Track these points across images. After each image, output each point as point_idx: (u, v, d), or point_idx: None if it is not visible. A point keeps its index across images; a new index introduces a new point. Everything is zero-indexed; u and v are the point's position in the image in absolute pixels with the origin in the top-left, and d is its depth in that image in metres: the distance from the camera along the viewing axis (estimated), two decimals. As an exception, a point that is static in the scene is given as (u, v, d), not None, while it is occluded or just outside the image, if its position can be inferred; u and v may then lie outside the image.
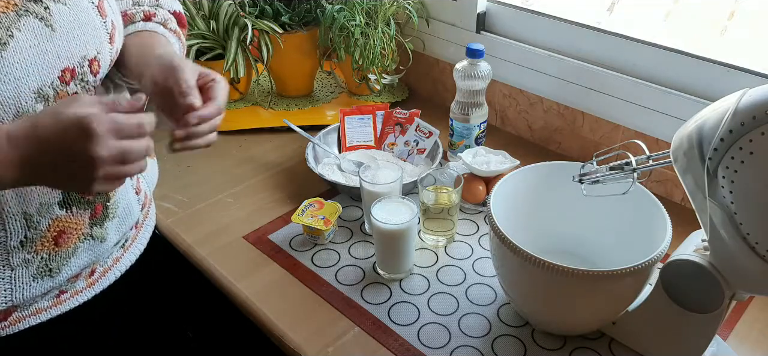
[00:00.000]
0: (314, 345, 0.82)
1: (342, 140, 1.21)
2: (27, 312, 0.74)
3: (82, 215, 0.74)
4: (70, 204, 0.73)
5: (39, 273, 0.72)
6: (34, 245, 0.70)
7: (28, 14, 0.64)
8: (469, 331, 0.84)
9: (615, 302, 0.77)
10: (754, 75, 0.97)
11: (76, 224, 0.74)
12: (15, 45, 0.63)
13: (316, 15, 1.35)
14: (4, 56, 0.62)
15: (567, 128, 1.23)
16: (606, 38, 1.14)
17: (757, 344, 0.83)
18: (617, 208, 0.81)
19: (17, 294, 0.71)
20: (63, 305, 0.77)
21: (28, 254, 0.70)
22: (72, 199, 0.73)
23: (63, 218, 0.72)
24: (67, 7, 0.68)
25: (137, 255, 0.88)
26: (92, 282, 0.80)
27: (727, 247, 0.66)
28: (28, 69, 0.64)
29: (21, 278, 0.71)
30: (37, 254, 0.71)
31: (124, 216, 0.81)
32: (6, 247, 0.69)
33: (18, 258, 0.70)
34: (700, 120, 0.66)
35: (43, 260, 0.72)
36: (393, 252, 0.91)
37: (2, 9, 0.62)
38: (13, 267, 0.70)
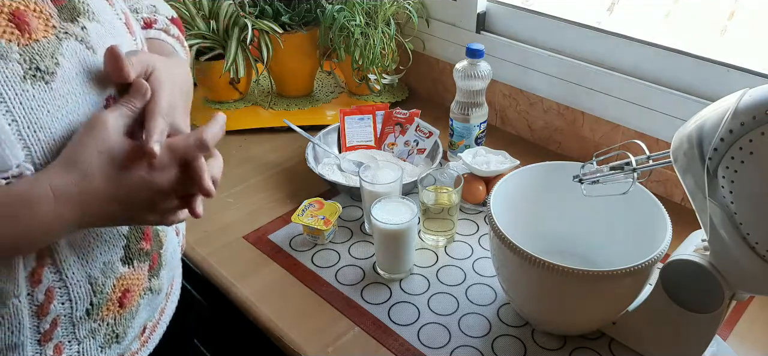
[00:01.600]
0: (314, 345, 0.82)
1: (342, 140, 1.21)
2: None
3: (142, 268, 0.67)
4: (131, 258, 0.66)
5: (106, 342, 0.65)
6: (100, 312, 0.63)
7: (68, 37, 0.57)
8: (469, 331, 0.84)
9: (615, 302, 0.77)
10: (754, 75, 0.97)
11: (137, 279, 0.67)
12: (62, 74, 0.55)
13: (316, 15, 1.35)
14: (54, 88, 0.54)
15: (567, 128, 1.23)
16: (606, 38, 1.14)
17: (757, 344, 0.83)
18: (617, 208, 0.81)
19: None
20: None
21: (94, 323, 0.63)
22: (133, 253, 0.66)
23: (126, 275, 0.65)
24: (102, 25, 0.61)
25: (176, 303, 0.81)
26: (145, 340, 0.74)
27: (727, 247, 0.66)
28: (78, 100, 0.56)
29: (89, 351, 0.64)
30: (103, 321, 0.64)
31: (171, 262, 0.75)
32: (72, 319, 0.61)
33: (85, 329, 0.62)
34: (700, 120, 0.66)
35: (109, 327, 0.65)
36: (393, 252, 0.91)
37: (43, 34, 0.55)
38: (80, 341, 0.63)
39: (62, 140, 0.55)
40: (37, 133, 0.53)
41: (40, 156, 0.54)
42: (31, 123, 0.53)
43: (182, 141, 0.57)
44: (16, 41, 0.53)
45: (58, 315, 0.60)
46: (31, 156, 0.53)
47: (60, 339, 0.61)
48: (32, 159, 0.53)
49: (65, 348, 0.62)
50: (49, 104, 0.54)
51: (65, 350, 0.62)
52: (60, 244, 0.59)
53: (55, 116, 0.54)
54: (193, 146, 0.57)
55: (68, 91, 0.56)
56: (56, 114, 0.54)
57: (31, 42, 0.54)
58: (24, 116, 0.52)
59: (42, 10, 0.55)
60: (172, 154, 0.57)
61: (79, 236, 0.60)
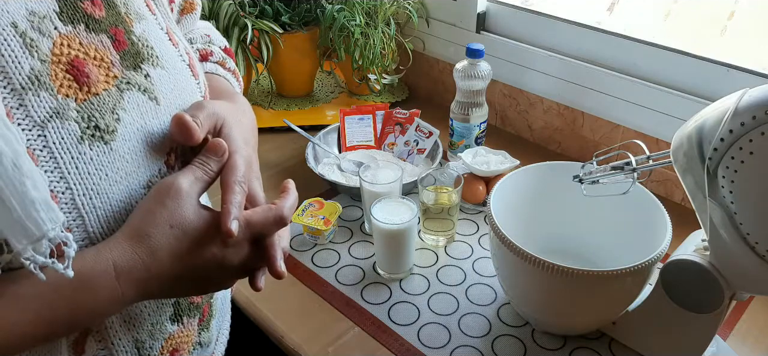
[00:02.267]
0: (314, 345, 0.82)
1: (342, 140, 1.21)
2: None
3: (192, 323, 0.62)
4: (181, 315, 0.60)
5: None
6: None
7: (130, 88, 0.50)
8: (469, 331, 0.84)
9: (615, 302, 0.77)
10: (754, 75, 0.97)
11: (187, 335, 0.61)
12: (123, 131, 0.49)
13: (316, 15, 1.35)
14: (114, 148, 0.48)
15: (567, 128, 1.23)
16: (606, 38, 1.14)
17: (757, 344, 0.83)
18: (617, 208, 0.81)
19: None
20: None
21: None
22: (182, 309, 0.60)
23: (175, 333, 0.59)
24: (167, 72, 0.55)
25: (225, 345, 0.74)
26: None
27: (727, 247, 0.66)
28: (138, 159, 0.50)
29: None
30: None
31: (222, 308, 0.70)
32: None
33: None
34: (700, 120, 0.66)
35: None
36: (393, 252, 0.91)
37: (103, 86, 0.48)
38: None
39: (121, 206, 0.50)
40: (92, 200, 0.47)
41: (96, 225, 0.48)
42: (87, 189, 0.47)
43: (261, 218, 0.52)
44: (74, 96, 0.47)
45: None
46: (84, 225, 0.47)
47: None
48: (85, 228, 0.48)
49: None
50: (108, 167, 0.48)
51: None
52: None
53: (113, 180, 0.49)
54: (272, 223, 0.53)
55: (129, 150, 0.50)
56: (115, 177, 0.49)
57: (91, 96, 0.48)
58: (80, 181, 0.46)
59: (103, 58, 0.49)
60: (249, 230, 0.52)
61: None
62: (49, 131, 0.45)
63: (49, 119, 0.45)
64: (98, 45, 0.49)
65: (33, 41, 0.45)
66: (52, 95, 0.45)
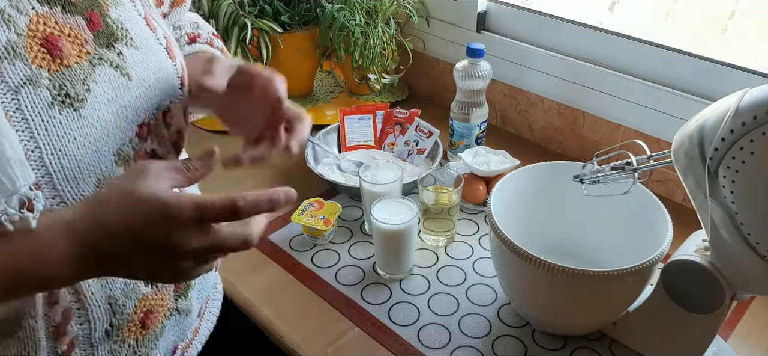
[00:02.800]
0: (314, 345, 0.82)
1: (342, 140, 1.20)
2: None
3: (166, 289, 0.66)
4: None
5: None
6: (120, 333, 0.61)
7: (102, 63, 0.55)
8: (469, 331, 0.84)
9: (616, 302, 0.77)
10: (754, 75, 0.97)
11: (162, 300, 0.65)
12: (93, 101, 0.53)
13: (316, 14, 1.35)
14: (83, 115, 0.53)
15: (567, 128, 1.23)
16: (606, 38, 1.14)
17: (758, 344, 0.83)
18: (618, 208, 0.81)
19: None
20: None
21: (114, 345, 0.61)
22: None
23: (149, 296, 0.63)
24: (140, 51, 0.59)
25: (214, 322, 0.80)
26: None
27: (728, 247, 0.66)
28: (108, 127, 0.55)
29: None
30: (124, 342, 0.62)
31: (202, 283, 0.74)
32: (90, 340, 0.59)
33: (104, 350, 0.61)
34: (701, 120, 0.66)
35: (130, 348, 0.63)
36: (393, 252, 0.91)
37: (75, 59, 0.53)
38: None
39: (89, 168, 0.54)
40: (61, 160, 0.51)
41: (64, 184, 0.52)
42: (56, 150, 0.51)
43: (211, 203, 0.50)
44: (47, 67, 0.51)
45: (76, 336, 0.58)
46: (53, 183, 0.51)
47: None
48: (54, 186, 0.51)
49: None
50: (76, 131, 0.52)
51: None
52: None
53: (81, 144, 0.53)
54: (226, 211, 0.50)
55: (98, 118, 0.54)
56: (83, 141, 0.53)
57: (62, 68, 0.52)
58: (49, 142, 0.51)
59: (77, 36, 0.54)
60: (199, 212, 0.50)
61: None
62: (22, 96, 0.49)
63: (23, 86, 0.49)
64: (73, 24, 0.54)
65: (10, 17, 0.49)
66: (26, 65, 0.50)
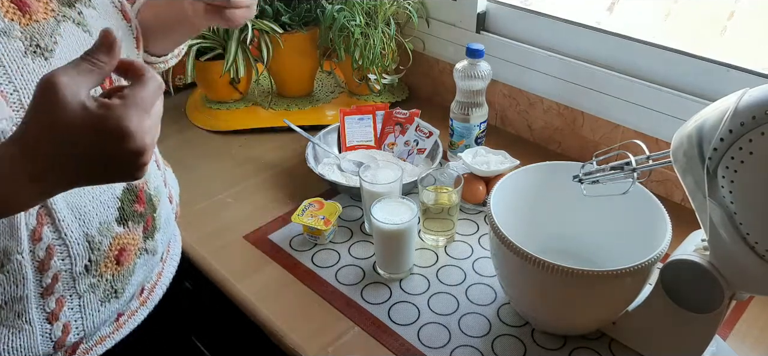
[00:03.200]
0: (314, 345, 0.82)
1: (342, 140, 1.21)
2: (92, 342, 0.72)
3: (136, 229, 0.73)
4: (126, 219, 0.71)
5: (106, 296, 0.70)
6: (98, 268, 0.68)
7: (66, 20, 0.63)
8: (469, 331, 0.84)
9: (615, 302, 0.77)
10: (754, 75, 0.97)
11: (133, 239, 0.72)
12: (60, 52, 0.61)
13: (316, 15, 1.35)
14: (53, 63, 0.60)
15: (567, 128, 1.23)
16: (606, 38, 1.14)
17: (757, 344, 0.83)
18: (617, 208, 0.81)
19: (87, 322, 0.69)
20: (123, 329, 0.76)
21: (93, 279, 0.68)
22: (127, 214, 0.71)
23: (122, 234, 0.70)
24: (97, 11, 0.68)
25: (175, 267, 0.87)
26: (144, 300, 0.79)
27: (727, 247, 0.66)
28: None
29: (90, 304, 0.69)
30: (102, 277, 0.69)
31: (165, 227, 0.80)
32: (72, 274, 0.66)
33: (84, 284, 0.68)
34: (700, 120, 0.66)
35: (108, 282, 0.70)
36: (393, 252, 0.91)
37: (43, 16, 0.61)
38: (80, 294, 0.68)
39: None
40: None
41: None
42: (30, 93, 0.57)
43: (148, 92, 0.51)
44: (18, 20, 0.59)
45: (59, 270, 0.65)
46: None
47: (61, 294, 0.66)
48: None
49: (67, 301, 0.67)
50: None
51: (67, 303, 0.67)
52: (58, 205, 0.63)
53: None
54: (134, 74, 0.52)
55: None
56: None
57: (32, 22, 0.60)
58: (24, 86, 0.58)
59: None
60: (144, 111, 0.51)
61: (76, 198, 0.65)
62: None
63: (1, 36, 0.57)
64: None
65: None
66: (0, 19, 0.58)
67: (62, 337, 0.68)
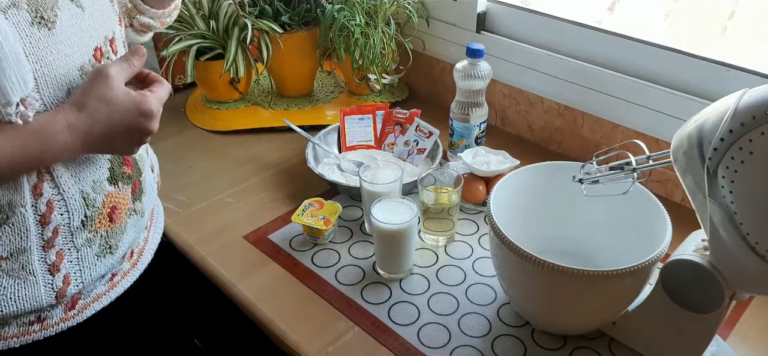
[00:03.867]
0: (314, 345, 0.82)
1: (342, 140, 1.21)
2: (89, 298, 0.78)
3: (126, 189, 0.79)
4: (117, 179, 0.77)
5: (101, 251, 0.76)
6: (93, 224, 0.74)
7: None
8: (469, 331, 0.84)
9: (615, 302, 0.77)
10: (754, 75, 0.97)
11: (123, 198, 0.78)
12: (60, 24, 0.66)
13: (316, 15, 1.35)
14: (55, 34, 0.66)
15: (567, 128, 1.23)
16: (606, 38, 1.14)
17: (757, 344, 0.83)
18: (617, 208, 0.81)
19: (85, 274, 0.74)
20: (117, 288, 0.82)
21: (89, 233, 0.74)
22: (117, 174, 0.77)
23: (113, 193, 0.76)
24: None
25: (160, 234, 0.93)
26: (134, 263, 0.85)
27: (727, 247, 0.66)
28: (73, 46, 0.68)
29: (87, 257, 0.74)
30: (96, 232, 0.75)
31: (149, 192, 0.85)
32: (70, 228, 0.72)
33: (81, 238, 0.73)
34: (700, 120, 0.66)
35: (102, 238, 0.76)
36: (393, 252, 0.91)
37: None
38: (78, 248, 0.73)
39: (61, 78, 0.67)
40: (43, 68, 0.65)
41: (44, 88, 0.66)
42: (39, 60, 0.64)
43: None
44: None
45: (58, 224, 0.71)
46: (37, 87, 0.65)
47: (61, 247, 0.72)
48: (38, 89, 0.65)
49: (66, 254, 0.72)
50: (51, 46, 0.65)
51: (66, 256, 0.72)
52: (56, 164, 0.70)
53: (56, 56, 0.66)
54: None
55: (65, 38, 0.67)
56: (57, 55, 0.66)
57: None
58: (33, 53, 0.64)
59: None
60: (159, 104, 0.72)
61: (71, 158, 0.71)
62: (10, 16, 0.62)
63: (9, 8, 0.62)
64: None
65: None
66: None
67: (63, 288, 0.73)
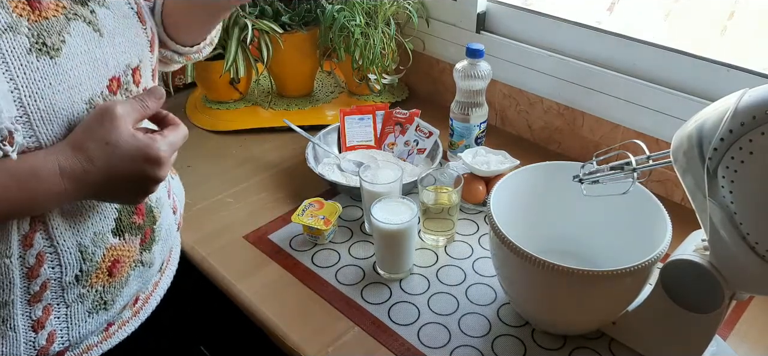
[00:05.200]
0: (314, 345, 0.82)
1: (342, 140, 1.21)
2: (78, 350, 0.71)
3: (133, 241, 0.71)
4: (123, 231, 0.69)
5: (94, 308, 0.69)
6: (89, 279, 0.67)
7: (76, 18, 0.61)
8: (469, 331, 0.84)
9: (615, 302, 0.77)
10: (754, 75, 0.97)
11: (128, 251, 0.70)
12: (67, 51, 0.60)
13: (316, 15, 1.35)
14: (59, 63, 0.59)
15: (567, 128, 1.23)
16: (606, 38, 1.14)
17: (757, 344, 0.83)
18: (617, 208, 0.81)
19: (73, 332, 0.68)
20: (112, 338, 0.74)
21: (83, 289, 0.67)
22: (124, 225, 0.69)
23: (117, 246, 0.69)
24: (111, 11, 0.66)
25: (171, 277, 0.86)
26: (137, 311, 0.78)
27: (727, 247, 0.66)
28: (81, 77, 0.61)
29: (77, 315, 0.68)
30: (92, 287, 0.68)
31: (166, 238, 0.78)
32: (61, 283, 0.65)
33: (73, 294, 0.66)
34: (700, 120, 0.66)
35: (97, 294, 0.69)
36: (393, 252, 0.91)
37: (52, 13, 0.59)
38: (68, 304, 0.66)
39: (62, 112, 0.59)
40: (37, 102, 0.57)
41: (39, 124, 0.58)
42: (33, 93, 0.57)
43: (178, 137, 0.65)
44: (27, 17, 0.57)
45: (48, 278, 0.64)
46: (30, 123, 0.57)
47: (49, 301, 0.65)
48: (31, 125, 0.58)
49: (53, 310, 0.66)
50: (51, 77, 0.58)
51: (53, 311, 0.66)
52: (53, 212, 0.62)
53: (56, 89, 0.59)
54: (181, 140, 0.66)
55: (72, 67, 0.60)
56: (58, 87, 0.59)
57: (41, 19, 0.58)
58: (26, 85, 0.56)
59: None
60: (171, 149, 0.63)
61: (72, 207, 0.64)
62: (3, 42, 0.55)
63: (4, 32, 0.55)
64: None
65: None
66: (7, 13, 0.56)
67: (46, 346, 0.66)
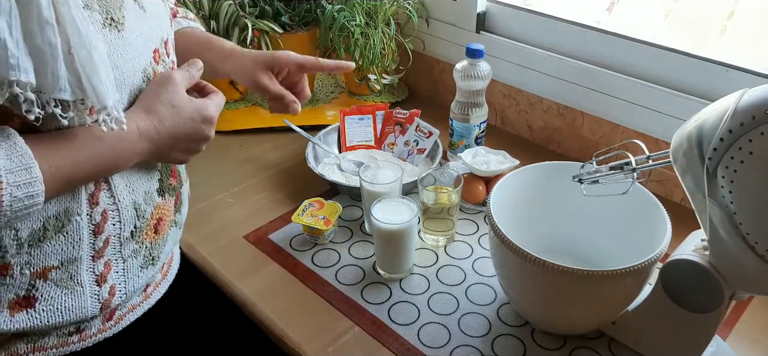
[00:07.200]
0: (314, 345, 0.82)
1: (342, 140, 1.21)
2: (125, 309, 0.77)
3: (170, 201, 0.79)
4: (164, 191, 0.77)
5: (145, 263, 0.76)
6: (140, 235, 0.74)
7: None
8: (469, 331, 0.84)
9: (615, 302, 0.77)
10: (753, 75, 0.97)
11: (168, 210, 0.78)
12: (128, 25, 0.66)
13: (316, 15, 1.35)
14: (124, 36, 0.65)
15: (567, 128, 1.23)
16: (606, 38, 1.14)
17: (757, 344, 0.83)
18: (617, 208, 0.81)
19: (129, 285, 0.74)
20: (150, 299, 0.81)
21: (136, 245, 0.74)
22: (164, 186, 0.77)
23: (161, 204, 0.76)
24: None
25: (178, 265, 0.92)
26: (165, 273, 0.85)
27: (727, 247, 0.66)
28: (139, 48, 0.68)
29: (132, 269, 0.74)
30: (142, 244, 0.75)
31: (186, 202, 0.86)
32: (120, 239, 0.71)
33: (129, 249, 0.73)
34: (700, 120, 0.66)
35: (147, 250, 0.76)
36: (393, 252, 0.91)
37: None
38: (124, 259, 0.73)
39: (128, 81, 0.67)
40: (114, 71, 0.64)
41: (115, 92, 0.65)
42: (112, 63, 0.63)
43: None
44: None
45: (110, 235, 0.70)
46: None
47: (109, 257, 0.71)
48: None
49: (113, 264, 0.72)
50: (121, 48, 0.65)
51: (113, 266, 0.72)
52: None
53: (125, 59, 0.66)
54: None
55: (132, 40, 0.67)
56: (127, 57, 0.66)
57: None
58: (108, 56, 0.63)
59: None
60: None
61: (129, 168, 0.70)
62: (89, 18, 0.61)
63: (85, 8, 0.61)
64: None
65: None
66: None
67: (108, 299, 0.72)
